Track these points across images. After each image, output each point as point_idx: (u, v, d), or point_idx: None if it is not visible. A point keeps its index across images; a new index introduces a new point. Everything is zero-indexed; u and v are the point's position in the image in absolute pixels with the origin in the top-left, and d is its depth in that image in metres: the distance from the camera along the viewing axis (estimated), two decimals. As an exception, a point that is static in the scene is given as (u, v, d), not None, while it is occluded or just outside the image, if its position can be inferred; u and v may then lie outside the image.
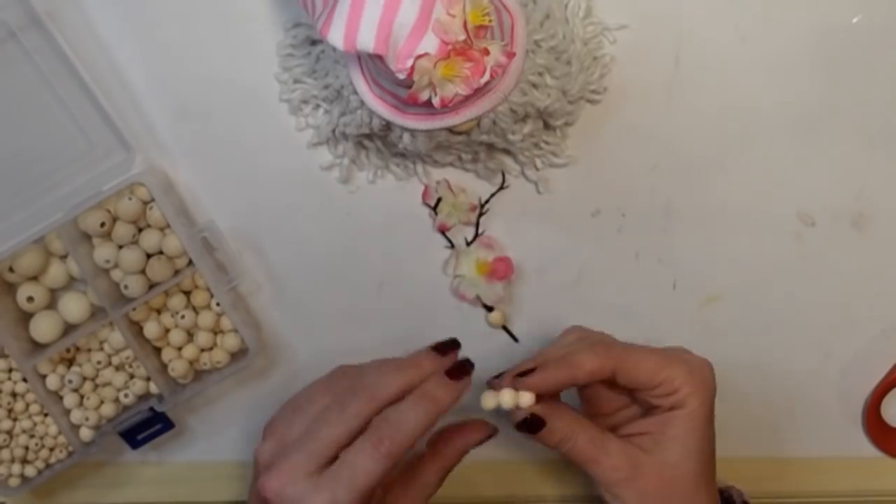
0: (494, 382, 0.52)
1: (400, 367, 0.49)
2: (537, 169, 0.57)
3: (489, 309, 0.59)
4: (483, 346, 0.60)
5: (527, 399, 0.49)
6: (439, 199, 0.57)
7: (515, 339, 0.60)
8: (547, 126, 0.55)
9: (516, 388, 0.49)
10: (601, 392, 0.53)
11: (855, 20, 0.56)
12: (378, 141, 0.56)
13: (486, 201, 0.58)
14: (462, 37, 0.44)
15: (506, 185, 0.57)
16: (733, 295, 0.60)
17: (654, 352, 0.50)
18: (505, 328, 0.60)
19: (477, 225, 0.58)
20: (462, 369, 0.49)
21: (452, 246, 0.59)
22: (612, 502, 0.50)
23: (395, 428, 0.47)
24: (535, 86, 0.52)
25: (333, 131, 0.56)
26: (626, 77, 0.56)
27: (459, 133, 0.52)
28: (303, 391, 0.52)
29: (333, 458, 0.47)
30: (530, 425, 0.50)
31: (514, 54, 0.48)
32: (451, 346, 0.51)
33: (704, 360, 0.51)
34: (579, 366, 0.49)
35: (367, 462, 0.46)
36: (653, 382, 0.49)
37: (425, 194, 0.57)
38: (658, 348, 0.51)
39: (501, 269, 0.57)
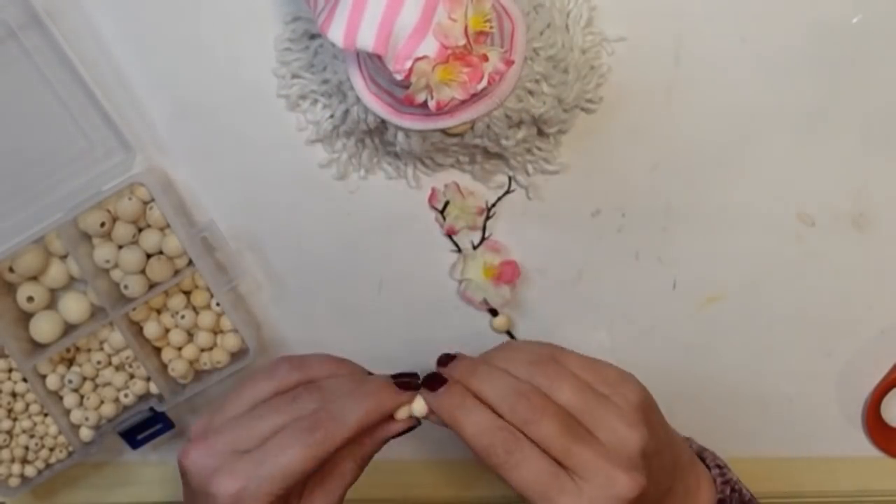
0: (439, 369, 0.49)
1: (366, 397, 0.47)
2: (528, 174, 0.57)
3: (494, 313, 0.59)
4: (485, 348, 0.60)
5: (419, 408, 0.48)
6: (447, 203, 0.57)
7: (517, 342, 0.60)
8: (541, 133, 0.55)
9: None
10: None
11: (855, 20, 0.56)
12: (375, 139, 0.56)
13: (493, 205, 0.58)
14: (462, 42, 0.44)
15: (512, 189, 0.58)
16: (733, 295, 0.60)
17: (540, 472, 0.43)
18: (509, 333, 0.60)
19: (484, 228, 0.58)
20: (410, 384, 0.48)
21: (459, 249, 0.59)
22: None
23: (332, 419, 0.45)
24: (531, 93, 0.52)
25: (336, 128, 0.56)
26: (627, 77, 0.56)
27: (454, 135, 0.52)
28: (248, 379, 0.49)
29: None
30: (430, 384, 0.47)
31: (512, 62, 0.48)
32: (412, 382, 0.49)
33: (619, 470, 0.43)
34: (461, 424, 0.45)
35: (295, 451, 0.44)
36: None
37: (432, 197, 0.57)
38: (554, 466, 0.44)
39: (508, 273, 0.57)
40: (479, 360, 0.48)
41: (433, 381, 0.48)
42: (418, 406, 0.48)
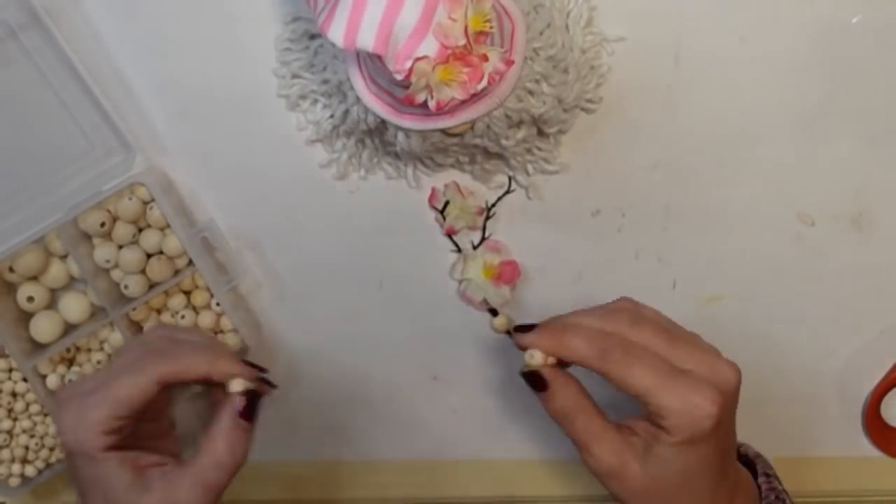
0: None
1: (207, 349, 0.50)
2: (528, 174, 0.57)
3: (494, 313, 0.59)
4: (485, 349, 0.60)
5: (538, 358, 0.49)
6: (447, 203, 0.57)
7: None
8: (541, 133, 0.55)
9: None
10: None
11: (855, 20, 0.56)
12: (375, 139, 0.56)
13: (493, 205, 0.58)
14: (462, 42, 0.44)
15: (512, 189, 0.58)
16: (733, 295, 0.60)
17: (654, 369, 0.47)
18: (508, 333, 0.60)
19: (484, 228, 0.58)
20: (253, 366, 0.50)
21: (459, 249, 0.59)
22: (603, 486, 0.50)
23: (167, 353, 0.48)
24: (531, 93, 0.52)
25: (336, 128, 0.56)
26: (627, 77, 0.56)
27: (453, 135, 0.52)
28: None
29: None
30: (533, 381, 0.49)
31: (512, 62, 0.48)
32: (255, 366, 0.51)
33: (709, 393, 0.47)
34: (567, 346, 0.48)
35: (127, 374, 0.47)
36: (643, 400, 0.48)
37: (432, 197, 0.57)
38: (680, 357, 0.48)
39: (508, 273, 0.57)
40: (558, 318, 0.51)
41: (524, 326, 0.50)
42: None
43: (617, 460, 0.49)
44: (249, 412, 0.49)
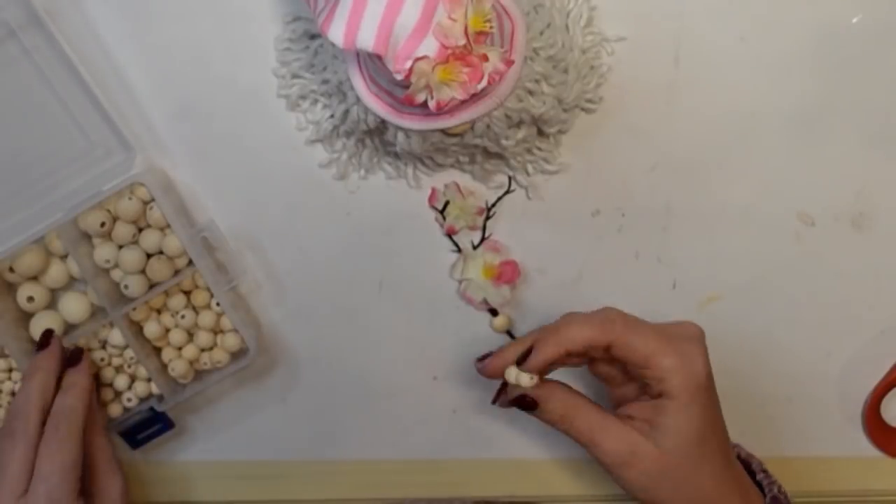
0: (478, 366, 0.54)
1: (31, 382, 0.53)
2: (528, 174, 0.57)
3: (494, 313, 0.59)
4: (485, 350, 0.60)
5: (525, 380, 0.51)
6: (447, 203, 0.57)
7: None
8: (541, 133, 0.55)
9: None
10: (602, 367, 0.54)
11: (855, 20, 0.56)
12: (375, 139, 0.56)
13: (493, 205, 0.58)
14: (462, 42, 0.44)
15: (512, 188, 0.58)
16: (733, 295, 0.60)
17: (653, 334, 0.50)
18: (509, 333, 0.60)
19: (484, 228, 0.58)
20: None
21: (459, 249, 0.59)
22: (616, 482, 0.51)
23: (63, 415, 0.52)
24: (531, 93, 0.52)
25: (336, 128, 0.56)
26: (626, 77, 0.56)
27: (454, 135, 0.52)
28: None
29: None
30: (522, 404, 0.52)
31: (512, 62, 0.48)
32: (45, 339, 0.55)
33: (697, 346, 0.50)
34: (572, 338, 0.50)
35: (56, 454, 0.51)
36: (645, 364, 0.50)
37: (432, 197, 0.57)
38: (661, 328, 0.51)
39: (508, 273, 0.57)
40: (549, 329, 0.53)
41: (522, 357, 0.51)
42: (524, 378, 0.51)
43: (626, 446, 0.50)
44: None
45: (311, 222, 0.59)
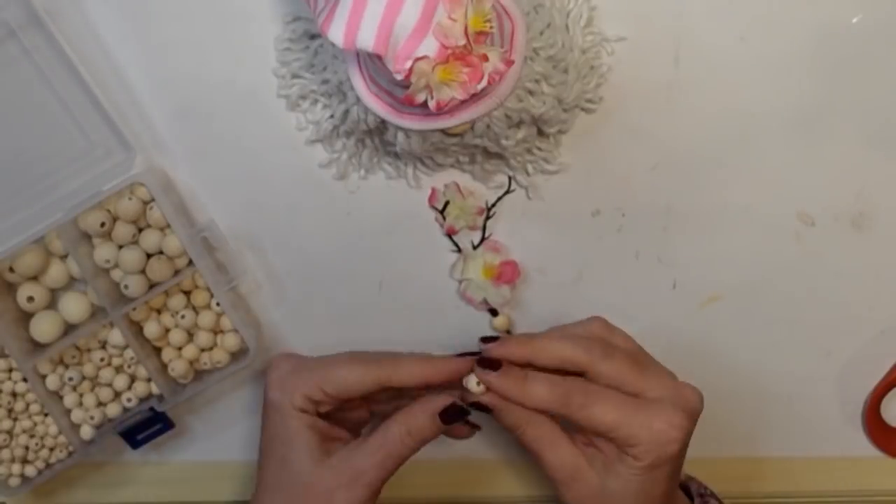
0: (483, 347, 0.53)
1: (426, 361, 0.53)
2: (528, 174, 0.57)
3: (494, 313, 0.59)
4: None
5: (473, 386, 0.51)
6: (447, 203, 0.57)
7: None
8: (541, 133, 0.55)
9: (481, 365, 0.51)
10: None
11: (855, 20, 0.56)
12: (375, 139, 0.56)
13: (493, 205, 0.58)
14: (462, 42, 0.44)
15: (512, 188, 0.58)
16: (733, 295, 0.60)
17: (618, 404, 0.49)
18: (509, 333, 0.60)
19: (484, 228, 0.58)
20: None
21: (459, 249, 0.59)
22: (558, 497, 0.52)
23: (387, 360, 0.52)
24: (531, 92, 0.52)
25: (336, 128, 0.56)
26: (626, 77, 0.56)
27: (454, 135, 0.52)
28: None
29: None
30: (478, 407, 0.51)
31: (512, 62, 0.48)
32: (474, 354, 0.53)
33: (680, 418, 0.49)
34: (529, 395, 0.50)
35: (347, 364, 0.52)
36: (610, 436, 0.49)
37: (432, 197, 0.57)
38: (628, 397, 0.49)
39: (508, 273, 0.57)
40: (529, 335, 0.53)
41: (489, 363, 0.51)
42: (471, 383, 0.51)
43: (570, 467, 0.50)
44: (448, 417, 0.51)
45: (311, 222, 0.59)
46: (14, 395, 0.57)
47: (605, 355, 0.50)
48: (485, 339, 0.53)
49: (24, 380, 0.57)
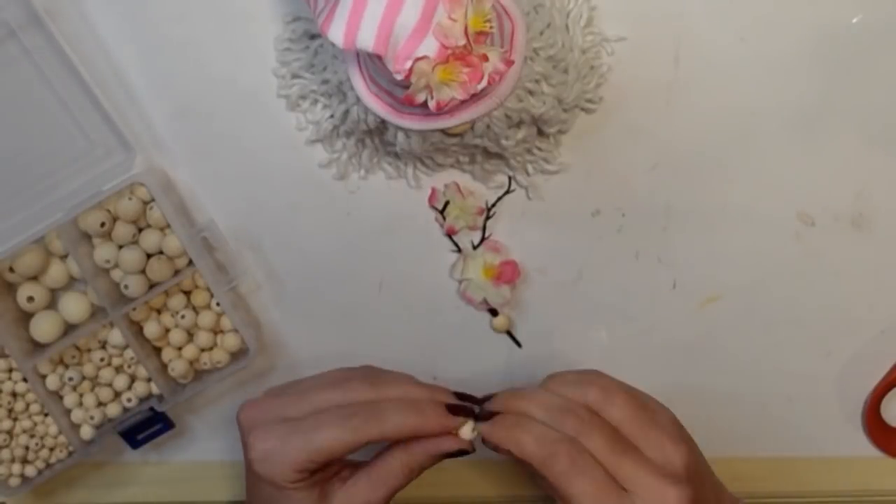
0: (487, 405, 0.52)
1: (413, 410, 0.50)
2: (528, 174, 0.57)
3: (494, 313, 0.59)
4: (485, 350, 0.60)
5: (467, 434, 0.50)
6: (447, 203, 0.57)
7: (519, 345, 0.60)
8: (541, 133, 0.55)
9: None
10: None
11: (855, 20, 0.56)
12: (375, 139, 0.56)
13: (493, 205, 0.58)
14: (462, 42, 0.44)
15: (512, 188, 0.58)
16: (733, 295, 0.60)
17: (600, 486, 0.46)
18: (509, 333, 0.60)
19: (484, 228, 0.58)
20: (463, 411, 0.50)
21: (459, 249, 0.59)
22: None
23: (373, 414, 0.48)
24: (531, 93, 0.52)
25: (336, 128, 0.56)
26: (626, 77, 0.56)
27: (454, 135, 0.52)
28: (318, 385, 0.52)
29: None
30: (493, 447, 0.50)
31: (512, 62, 0.48)
32: (466, 409, 0.51)
33: (677, 489, 0.46)
34: (517, 443, 0.47)
35: (329, 430, 0.48)
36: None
37: (432, 197, 0.57)
38: (612, 482, 0.46)
39: (508, 273, 0.57)
40: (522, 389, 0.51)
41: (485, 416, 0.50)
42: (466, 431, 0.50)
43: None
44: (450, 456, 0.50)
45: (311, 222, 0.59)
46: (14, 395, 0.57)
47: (580, 432, 0.47)
48: (479, 416, 0.51)
49: (24, 380, 0.57)
